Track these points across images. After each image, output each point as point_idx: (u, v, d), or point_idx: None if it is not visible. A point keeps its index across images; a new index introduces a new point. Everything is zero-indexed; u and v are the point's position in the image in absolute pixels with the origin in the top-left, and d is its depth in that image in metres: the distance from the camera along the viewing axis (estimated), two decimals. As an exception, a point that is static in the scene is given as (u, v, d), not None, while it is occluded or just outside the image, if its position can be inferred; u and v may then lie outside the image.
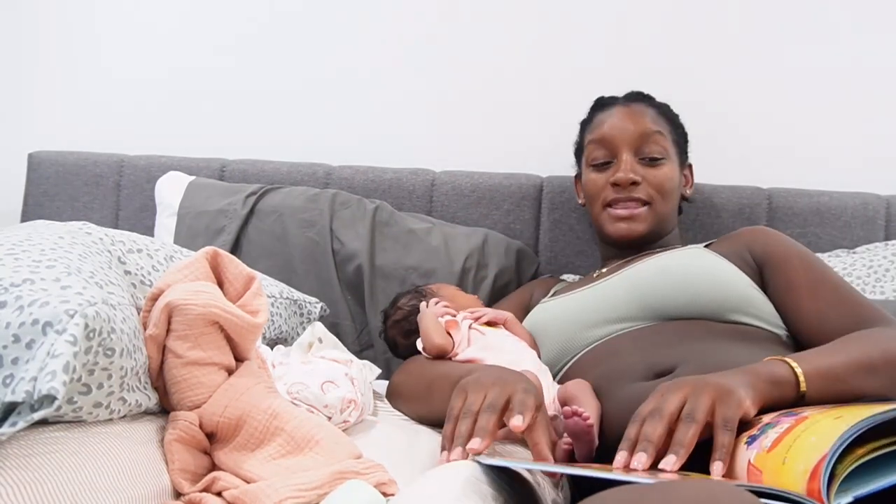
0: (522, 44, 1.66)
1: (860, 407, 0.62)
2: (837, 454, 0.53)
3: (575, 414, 0.85)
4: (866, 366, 0.79)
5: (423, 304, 1.17)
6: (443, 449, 0.77)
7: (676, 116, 1.32)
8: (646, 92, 1.32)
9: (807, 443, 0.57)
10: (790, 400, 0.74)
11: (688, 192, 1.33)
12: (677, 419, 0.68)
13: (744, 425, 0.69)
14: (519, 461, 0.66)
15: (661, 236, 1.24)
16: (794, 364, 0.76)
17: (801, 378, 0.75)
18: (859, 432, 0.54)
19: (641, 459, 0.65)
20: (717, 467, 0.64)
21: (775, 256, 1.04)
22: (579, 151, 1.36)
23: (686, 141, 1.33)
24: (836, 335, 0.88)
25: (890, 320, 0.91)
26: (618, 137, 1.22)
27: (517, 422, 0.73)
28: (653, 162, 1.22)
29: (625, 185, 1.20)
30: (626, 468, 0.66)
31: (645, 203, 1.20)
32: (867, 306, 0.94)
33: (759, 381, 0.73)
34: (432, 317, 1.10)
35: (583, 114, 1.37)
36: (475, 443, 0.72)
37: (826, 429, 0.57)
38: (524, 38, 1.66)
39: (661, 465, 0.64)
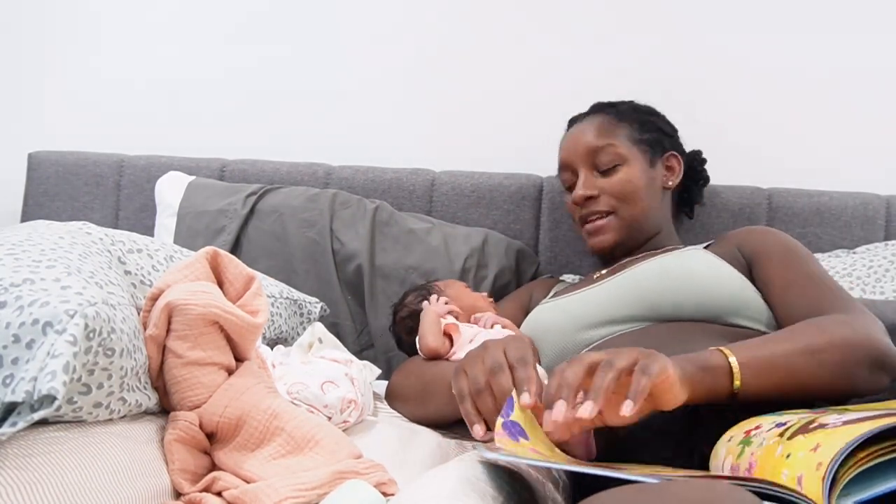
0: (523, 43, 1.66)
1: (865, 411, 0.62)
2: (841, 459, 0.53)
3: None
4: (809, 350, 0.79)
5: (425, 302, 1.17)
6: (471, 424, 0.74)
7: (646, 111, 1.32)
8: (608, 99, 1.34)
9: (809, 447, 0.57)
10: (724, 389, 0.75)
11: (670, 182, 1.29)
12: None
13: (682, 413, 0.69)
14: (527, 458, 0.66)
15: (645, 238, 1.24)
16: (728, 354, 0.76)
17: (736, 369, 0.75)
18: (863, 439, 0.54)
19: (561, 408, 0.65)
20: (625, 407, 0.64)
21: (760, 253, 1.05)
22: None
23: (664, 133, 1.31)
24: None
25: (854, 308, 0.90)
26: (571, 158, 1.27)
27: (525, 400, 0.71)
28: (608, 172, 1.24)
29: (580, 203, 1.24)
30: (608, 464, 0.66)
31: (609, 213, 1.22)
32: (834, 297, 0.93)
33: (689, 364, 0.74)
34: (433, 316, 1.10)
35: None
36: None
37: (833, 438, 0.57)
38: (525, 37, 1.66)
39: (578, 414, 0.64)
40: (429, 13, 1.70)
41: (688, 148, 1.38)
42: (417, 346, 1.11)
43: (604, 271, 1.22)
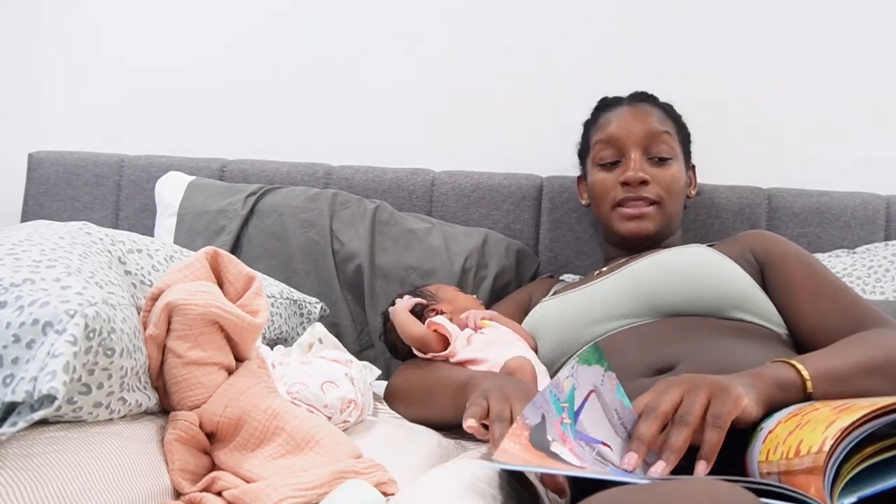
0: (523, 43, 1.66)
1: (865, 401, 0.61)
2: (842, 456, 0.53)
3: None
4: (869, 367, 0.79)
5: (391, 307, 1.17)
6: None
7: (680, 117, 1.33)
8: (649, 92, 1.33)
9: (816, 429, 0.57)
10: (797, 402, 0.73)
11: (692, 192, 1.33)
12: (672, 418, 0.67)
13: (751, 429, 0.68)
14: (533, 465, 0.66)
15: (667, 236, 1.25)
16: (799, 366, 0.76)
17: (808, 380, 0.74)
18: (866, 434, 0.54)
19: (631, 460, 0.64)
20: (699, 467, 0.62)
21: (777, 257, 1.05)
22: (584, 152, 1.36)
23: (689, 142, 1.33)
24: (836, 337, 0.88)
25: (888, 321, 0.92)
26: (626, 137, 1.22)
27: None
28: (661, 162, 1.22)
29: (635, 184, 1.20)
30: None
31: (653, 203, 1.20)
32: (866, 308, 0.95)
33: (762, 382, 0.72)
34: (403, 311, 1.11)
35: (584, 113, 1.38)
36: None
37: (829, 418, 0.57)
38: (525, 37, 1.66)
39: (650, 472, 0.63)
40: (428, 15, 1.70)
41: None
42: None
43: (604, 269, 1.22)
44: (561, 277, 1.48)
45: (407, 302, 1.14)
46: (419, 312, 1.16)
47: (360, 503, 0.69)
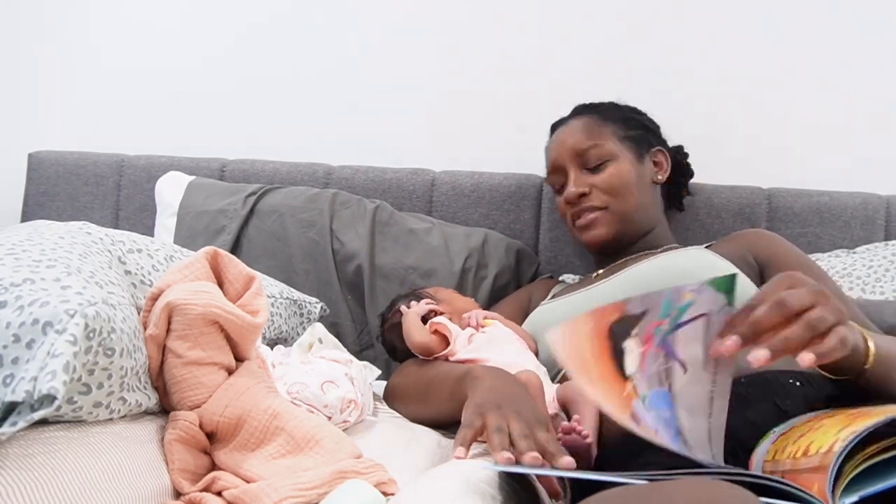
0: (523, 44, 1.66)
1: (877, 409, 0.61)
2: (845, 453, 0.53)
3: (573, 431, 0.84)
4: None
5: (403, 307, 1.17)
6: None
7: (628, 110, 1.33)
8: (591, 101, 1.35)
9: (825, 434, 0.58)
10: (857, 367, 0.71)
11: (659, 177, 1.31)
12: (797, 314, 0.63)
13: (760, 432, 0.68)
14: (532, 468, 0.66)
15: (638, 233, 1.25)
16: (869, 340, 0.73)
17: (871, 358, 0.71)
18: (867, 431, 0.54)
19: (733, 344, 0.62)
20: (805, 357, 0.60)
21: (778, 259, 1.06)
22: None
23: (648, 129, 1.32)
24: None
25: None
26: (560, 159, 1.28)
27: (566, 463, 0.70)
28: (597, 169, 1.24)
29: (573, 202, 1.24)
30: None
31: (600, 208, 1.22)
32: (868, 324, 0.96)
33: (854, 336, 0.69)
34: (413, 316, 1.11)
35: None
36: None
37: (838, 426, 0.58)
38: (524, 37, 1.66)
39: (749, 357, 0.61)
40: (429, 15, 1.70)
41: (689, 148, 1.38)
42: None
43: (601, 271, 1.23)
44: (560, 278, 1.48)
45: (420, 308, 1.14)
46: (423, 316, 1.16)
47: (360, 503, 0.69)
